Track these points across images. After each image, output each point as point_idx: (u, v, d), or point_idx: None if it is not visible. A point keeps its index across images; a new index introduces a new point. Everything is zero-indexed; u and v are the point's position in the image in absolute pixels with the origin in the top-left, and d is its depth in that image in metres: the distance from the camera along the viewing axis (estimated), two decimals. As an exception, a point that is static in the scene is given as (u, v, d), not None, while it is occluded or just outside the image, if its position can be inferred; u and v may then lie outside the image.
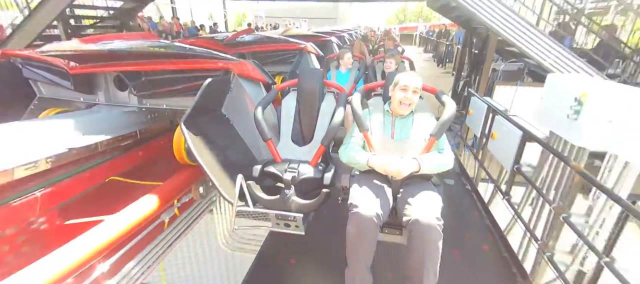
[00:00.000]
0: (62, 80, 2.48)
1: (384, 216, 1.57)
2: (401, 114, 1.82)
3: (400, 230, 1.76)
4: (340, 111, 2.00)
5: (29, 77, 2.54)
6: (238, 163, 2.14)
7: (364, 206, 1.54)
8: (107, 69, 2.35)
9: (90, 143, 2.15)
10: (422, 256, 1.50)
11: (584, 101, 2.39)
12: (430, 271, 1.51)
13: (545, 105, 2.92)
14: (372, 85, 2.43)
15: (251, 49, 4.07)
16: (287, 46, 4.04)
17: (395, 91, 1.81)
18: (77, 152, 2.06)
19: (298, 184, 1.84)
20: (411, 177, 1.69)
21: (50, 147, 1.95)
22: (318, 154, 1.93)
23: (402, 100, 1.77)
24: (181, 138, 2.33)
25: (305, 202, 1.79)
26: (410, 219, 1.51)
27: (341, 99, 2.11)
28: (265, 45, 4.03)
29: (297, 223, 1.81)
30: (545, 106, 2.92)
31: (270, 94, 2.21)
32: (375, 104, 2.07)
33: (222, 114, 2.30)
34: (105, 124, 2.38)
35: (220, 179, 1.83)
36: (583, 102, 2.39)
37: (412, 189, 1.66)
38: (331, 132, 1.91)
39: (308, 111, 2.24)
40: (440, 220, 1.50)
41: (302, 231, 1.84)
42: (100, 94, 2.65)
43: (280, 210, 1.79)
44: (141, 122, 2.63)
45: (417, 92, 1.78)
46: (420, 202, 1.56)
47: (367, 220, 1.52)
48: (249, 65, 2.48)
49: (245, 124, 2.37)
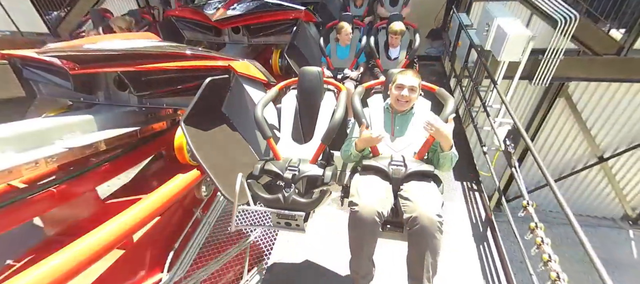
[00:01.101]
0: (62, 80, 2.48)
1: (385, 213, 1.57)
2: (400, 110, 1.84)
3: (401, 228, 1.75)
4: (341, 109, 2.00)
5: (29, 78, 2.54)
6: (238, 162, 2.14)
7: (365, 204, 1.54)
8: (107, 69, 2.35)
9: (90, 143, 2.15)
10: (423, 251, 1.52)
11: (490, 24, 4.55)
12: (430, 263, 1.54)
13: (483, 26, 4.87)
14: (372, 84, 2.42)
15: (245, 21, 3.98)
16: (282, 16, 3.94)
17: (392, 88, 1.84)
18: (77, 152, 2.06)
19: (298, 182, 1.84)
20: (412, 174, 1.70)
21: (50, 147, 1.95)
22: (318, 152, 1.93)
23: (399, 97, 1.80)
24: (182, 137, 2.33)
25: (306, 200, 1.79)
26: (411, 216, 1.51)
27: (341, 97, 2.11)
28: (260, 17, 3.98)
29: (298, 221, 1.80)
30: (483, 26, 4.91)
31: (270, 93, 2.21)
32: (375, 101, 2.07)
33: (222, 113, 2.30)
34: (105, 124, 2.38)
35: (221, 178, 1.83)
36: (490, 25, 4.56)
37: (413, 186, 1.65)
38: (331, 130, 1.91)
39: (308, 109, 2.24)
40: (441, 216, 1.50)
41: (303, 230, 1.84)
42: (100, 94, 2.65)
43: (280, 208, 1.78)
44: (141, 122, 2.63)
45: (415, 90, 1.80)
46: (421, 199, 1.56)
47: (368, 218, 1.52)
48: (249, 65, 2.48)
49: (246, 122, 2.37)
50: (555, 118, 5.48)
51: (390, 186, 1.70)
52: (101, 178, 2.38)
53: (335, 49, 3.82)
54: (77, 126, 2.20)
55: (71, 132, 2.15)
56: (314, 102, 2.23)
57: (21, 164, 1.75)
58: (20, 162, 1.75)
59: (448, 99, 1.84)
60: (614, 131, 5.41)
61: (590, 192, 6.21)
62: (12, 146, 1.79)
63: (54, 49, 2.38)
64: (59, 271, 1.46)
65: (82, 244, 1.62)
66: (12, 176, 1.73)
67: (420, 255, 1.53)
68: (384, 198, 1.62)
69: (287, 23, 3.97)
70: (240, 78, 2.38)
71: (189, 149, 2.13)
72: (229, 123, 2.31)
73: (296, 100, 2.27)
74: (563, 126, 5.55)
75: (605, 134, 5.48)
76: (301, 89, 2.27)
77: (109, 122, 2.41)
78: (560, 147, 5.81)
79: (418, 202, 1.54)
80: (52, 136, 2.03)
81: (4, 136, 1.77)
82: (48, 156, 1.89)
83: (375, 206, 1.53)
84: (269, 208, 1.83)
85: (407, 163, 1.71)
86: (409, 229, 1.54)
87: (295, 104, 2.26)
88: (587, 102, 5.27)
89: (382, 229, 1.70)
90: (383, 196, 1.62)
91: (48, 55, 2.32)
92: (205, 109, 2.12)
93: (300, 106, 2.27)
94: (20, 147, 1.83)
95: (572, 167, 5.99)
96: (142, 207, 1.97)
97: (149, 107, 2.64)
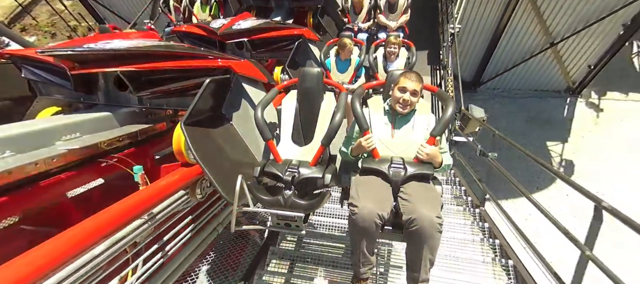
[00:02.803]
0: (62, 80, 2.47)
1: (385, 215, 1.57)
2: (400, 112, 1.84)
3: (401, 230, 1.76)
4: (341, 110, 1.99)
5: (29, 78, 2.54)
6: (238, 163, 2.14)
7: (365, 206, 1.55)
8: (107, 69, 2.34)
9: (90, 143, 2.15)
10: (422, 250, 1.56)
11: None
12: (428, 260, 1.60)
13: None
14: (373, 84, 2.42)
15: (249, 37, 4.04)
16: (285, 32, 4.04)
17: (395, 90, 1.83)
18: (77, 152, 2.06)
19: (298, 184, 1.84)
20: (411, 176, 1.70)
21: (50, 148, 1.95)
22: (318, 154, 1.92)
23: (400, 100, 1.80)
24: (181, 138, 2.32)
25: (306, 202, 1.79)
26: (410, 218, 1.52)
27: (341, 99, 2.10)
28: (263, 33, 4.02)
29: (297, 223, 1.80)
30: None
31: (270, 94, 2.20)
32: (375, 101, 2.06)
33: (222, 113, 2.29)
34: (105, 124, 2.38)
35: (221, 180, 1.83)
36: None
37: (413, 187, 1.66)
38: (331, 132, 1.91)
39: (308, 111, 2.23)
40: (441, 218, 1.50)
41: (302, 231, 1.84)
42: (100, 94, 2.65)
43: (280, 210, 1.79)
44: (141, 122, 2.63)
45: (417, 94, 1.80)
46: (421, 200, 1.57)
47: (367, 220, 1.53)
48: (249, 64, 2.47)
49: (246, 123, 2.36)
50: (520, 14, 7.00)
51: (390, 187, 1.71)
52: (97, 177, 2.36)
53: (335, 62, 3.98)
54: (77, 126, 2.20)
55: (71, 132, 2.15)
56: (314, 104, 2.22)
57: (21, 164, 1.75)
58: (21, 162, 1.75)
59: (448, 101, 1.84)
60: (563, 20, 6.95)
61: (544, 71, 7.99)
62: (12, 146, 1.79)
63: (54, 48, 2.38)
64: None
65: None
66: (12, 177, 1.73)
67: (419, 253, 1.57)
68: (384, 200, 1.62)
69: (289, 39, 4.00)
70: (241, 78, 2.37)
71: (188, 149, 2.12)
72: (228, 124, 2.31)
73: (296, 101, 2.27)
74: (526, 19, 7.12)
75: (557, 23, 7.06)
76: (301, 90, 2.26)
77: (109, 123, 2.41)
78: (523, 37, 7.47)
79: (417, 204, 1.55)
80: (52, 136, 2.03)
81: (4, 136, 1.77)
82: (48, 156, 1.89)
83: (375, 208, 1.54)
84: (268, 209, 1.83)
85: (407, 165, 1.72)
86: (408, 230, 1.55)
87: (296, 105, 2.25)
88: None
89: (382, 231, 1.71)
90: (383, 198, 1.62)
91: (48, 55, 2.32)
92: (206, 110, 2.12)
93: (301, 107, 2.26)
94: (20, 147, 1.83)
95: (531, 52, 7.68)
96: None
97: (149, 107, 2.64)
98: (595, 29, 6.86)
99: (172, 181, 2.06)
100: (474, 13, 7.02)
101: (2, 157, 1.73)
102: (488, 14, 7.02)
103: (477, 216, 3.23)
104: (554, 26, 7.07)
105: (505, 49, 7.67)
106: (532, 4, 6.70)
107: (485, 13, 7.02)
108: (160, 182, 2.02)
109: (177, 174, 2.12)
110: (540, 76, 8.03)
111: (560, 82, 8.10)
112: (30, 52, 2.46)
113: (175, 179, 2.10)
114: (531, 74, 8.07)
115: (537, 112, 7.86)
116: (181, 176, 2.13)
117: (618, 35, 6.84)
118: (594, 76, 7.62)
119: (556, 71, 7.87)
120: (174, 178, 2.12)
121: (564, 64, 7.68)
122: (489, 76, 8.26)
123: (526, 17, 6.98)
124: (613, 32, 6.83)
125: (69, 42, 2.67)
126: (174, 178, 2.12)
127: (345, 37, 3.92)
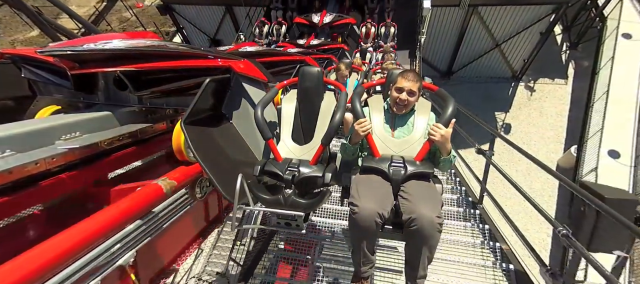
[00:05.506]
0: (62, 80, 2.47)
1: (386, 214, 1.57)
2: (397, 112, 1.85)
3: (401, 229, 1.76)
4: (341, 109, 1.99)
5: (29, 78, 2.54)
6: (238, 162, 2.14)
7: (365, 205, 1.54)
8: (107, 69, 2.34)
9: (90, 143, 2.15)
10: (421, 249, 1.56)
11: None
12: (427, 258, 1.60)
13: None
14: (373, 83, 2.42)
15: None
16: (288, 58, 4.46)
17: (392, 90, 1.83)
18: (77, 152, 2.06)
19: (298, 183, 1.84)
20: (411, 175, 1.70)
21: (50, 147, 1.95)
22: (318, 153, 1.92)
23: (397, 100, 1.80)
24: (181, 137, 2.33)
25: (306, 201, 1.79)
26: (410, 217, 1.52)
27: (341, 99, 2.10)
28: (267, 57, 4.11)
29: (297, 221, 1.80)
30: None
31: (270, 93, 2.20)
32: (375, 101, 2.06)
33: (222, 113, 2.29)
34: (105, 124, 2.38)
35: (221, 179, 1.83)
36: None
37: (413, 187, 1.66)
38: (331, 131, 1.91)
39: (308, 110, 2.23)
40: (441, 218, 1.50)
41: (302, 230, 1.84)
42: (100, 94, 2.65)
43: (280, 209, 1.79)
44: (141, 122, 2.63)
45: (414, 94, 1.79)
46: (421, 200, 1.56)
47: (367, 219, 1.53)
48: (249, 64, 2.47)
49: (246, 122, 2.36)
50: (472, 25, 10.14)
51: (390, 186, 1.70)
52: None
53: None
54: (77, 126, 2.20)
55: (71, 132, 2.15)
56: (314, 103, 2.22)
57: (21, 164, 1.75)
58: (20, 162, 1.75)
59: (448, 99, 1.83)
60: (501, 30, 10.12)
61: (495, 63, 11.24)
62: (12, 146, 1.79)
63: (54, 48, 2.38)
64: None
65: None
66: (13, 176, 1.74)
67: (418, 252, 1.58)
68: (384, 199, 1.62)
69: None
70: (240, 77, 2.37)
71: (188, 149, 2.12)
72: (228, 123, 2.31)
73: (296, 101, 2.27)
74: (477, 28, 10.26)
75: (497, 31, 10.24)
76: (301, 89, 2.26)
77: (108, 122, 2.41)
78: (477, 40, 10.64)
79: (418, 204, 1.55)
80: (52, 136, 2.03)
81: (4, 136, 1.77)
82: (48, 156, 1.89)
83: (375, 207, 1.53)
84: (268, 209, 1.83)
85: (407, 164, 1.71)
86: (408, 229, 1.54)
87: (296, 105, 2.25)
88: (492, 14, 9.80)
89: (382, 230, 1.71)
90: (383, 197, 1.62)
91: (48, 55, 2.32)
92: (206, 109, 2.12)
93: (301, 107, 2.26)
94: (20, 147, 1.83)
95: (485, 50, 10.88)
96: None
97: (149, 107, 2.64)
98: (523, 35, 9.97)
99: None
100: (442, 24, 10.07)
101: (2, 157, 1.73)
102: (452, 25, 10.16)
103: (477, 217, 3.23)
104: (496, 33, 10.28)
105: (467, 48, 10.73)
106: (479, 19, 9.88)
107: (450, 24, 10.15)
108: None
109: (177, 172, 2.13)
110: (493, 67, 11.30)
111: (506, 71, 11.39)
112: (30, 52, 2.45)
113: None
114: (486, 66, 11.31)
115: (490, 93, 11.14)
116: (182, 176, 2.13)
117: (539, 39, 9.81)
118: (528, 67, 10.73)
119: (503, 63, 11.14)
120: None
121: (507, 58, 10.95)
122: (458, 67, 11.65)
123: (477, 27, 10.16)
124: (535, 37, 9.90)
125: (69, 42, 2.66)
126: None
127: (344, 63, 4.46)
